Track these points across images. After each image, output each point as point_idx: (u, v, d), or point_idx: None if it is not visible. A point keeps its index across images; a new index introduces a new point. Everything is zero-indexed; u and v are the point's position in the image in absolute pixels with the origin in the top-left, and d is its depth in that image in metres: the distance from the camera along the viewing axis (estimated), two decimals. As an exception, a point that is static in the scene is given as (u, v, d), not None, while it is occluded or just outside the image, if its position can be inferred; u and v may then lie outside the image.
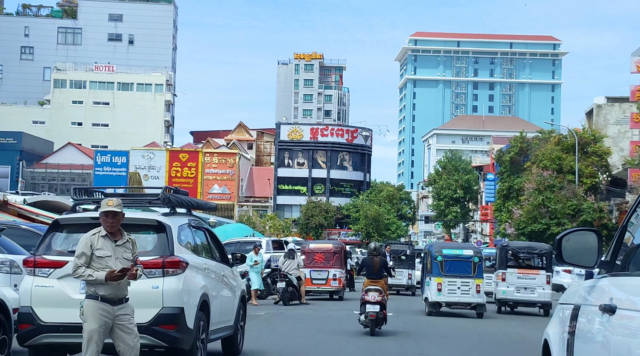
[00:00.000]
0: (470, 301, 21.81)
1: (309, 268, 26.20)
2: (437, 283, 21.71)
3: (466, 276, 21.76)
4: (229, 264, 11.74)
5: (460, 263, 22.00)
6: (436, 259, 22.10)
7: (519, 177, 60.32)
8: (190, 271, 9.39)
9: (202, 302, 9.60)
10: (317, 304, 24.76)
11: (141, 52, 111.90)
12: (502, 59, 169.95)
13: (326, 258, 26.35)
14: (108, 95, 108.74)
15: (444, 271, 21.78)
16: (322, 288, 26.37)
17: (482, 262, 23.23)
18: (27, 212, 24.98)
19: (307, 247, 26.71)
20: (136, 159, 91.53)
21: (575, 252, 5.22)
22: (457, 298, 21.78)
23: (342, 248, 26.81)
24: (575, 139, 52.91)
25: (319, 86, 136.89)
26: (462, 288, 21.74)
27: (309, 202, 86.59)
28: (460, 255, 22.15)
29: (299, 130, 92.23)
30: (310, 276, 26.20)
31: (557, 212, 49.99)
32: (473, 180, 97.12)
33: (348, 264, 34.02)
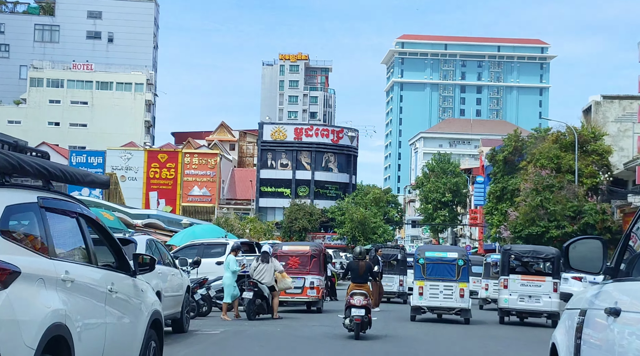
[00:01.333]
0: (453, 306, 20.90)
1: (283, 274, 21.98)
2: (418, 286, 20.98)
3: (449, 280, 20.89)
4: (130, 273, 7.35)
5: (444, 266, 21.13)
6: (418, 262, 21.31)
7: (514, 178, 56.23)
8: (26, 286, 5.15)
9: (50, 340, 5.31)
10: (290, 318, 20.48)
11: (121, 51, 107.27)
12: (489, 62, 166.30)
13: (302, 263, 22.10)
14: (86, 94, 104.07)
15: (425, 274, 21.00)
16: (298, 298, 22.09)
17: (468, 265, 22.15)
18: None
19: (279, 249, 22.34)
20: (113, 159, 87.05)
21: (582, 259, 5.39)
22: (439, 302, 20.89)
23: (320, 251, 22.49)
24: (574, 136, 48.86)
25: (305, 87, 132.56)
26: (445, 292, 20.90)
27: (293, 204, 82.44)
28: (444, 257, 21.30)
29: (282, 130, 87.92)
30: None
31: (557, 214, 45.87)
32: (462, 183, 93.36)
33: (329, 270, 29.92)
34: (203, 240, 26.37)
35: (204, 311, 20.20)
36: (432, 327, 19.83)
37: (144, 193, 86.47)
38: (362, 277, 16.28)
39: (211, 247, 25.36)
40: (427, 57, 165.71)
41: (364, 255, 16.98)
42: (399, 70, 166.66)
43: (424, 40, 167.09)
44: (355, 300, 15.60)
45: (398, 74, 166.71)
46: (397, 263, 30.18)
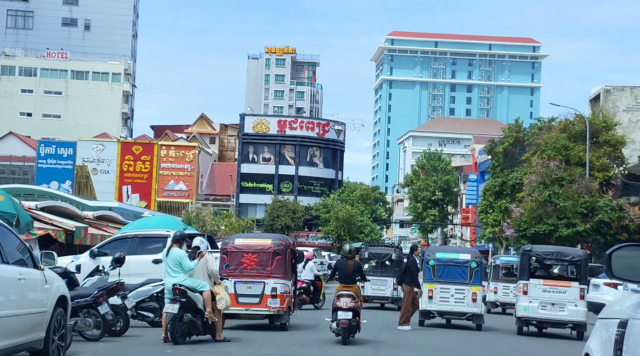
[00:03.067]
0: (465, 311, 19.67)
1: (232, 278, 15.81)
2: (428, 289, 19.71)
3: (461, 283, 19.69)
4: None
5: (455, 269, 19.83)
6: (428, 263, 20.02)
7: (515, 171, 50.30)
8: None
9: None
10: (242, 340, 14.32)
11: (98, 39, 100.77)
12: (480, 60, 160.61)
13: (261, 262, 15.96)
14: (61, 84, 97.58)
15: (436, 276, 19.75)
16: (254, 310, 15.91)
17: (482, 267, 20.60)
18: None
19: (230, 243, 16.17)
20: (84, 151, 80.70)
21: (627, 267, 5.15)
22: (449, 306, 19.70)
23: (287, 246, 16.29)
24: (585, 125, 42.97)
25: (291, 82, 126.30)
26: (456, 296, 19.67)
27: (275, 200, 76.39)
28: (456, 259, 19.96)
29: (265, 123, 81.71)
30: (235, 291, 15.79)
31: (567, 211, 39.99)
32: (453, 181, 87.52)
33: (313, 271, 23.95)
34: (138, 231, 20.25)
35: (118, 329, 14.07)
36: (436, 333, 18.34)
37: (116, 187, 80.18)
38: (350, 278, 15.04)
39: (148, 241, 19.29)
40: (417, 54, 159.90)
41: (354, 253, 15.52)
42: (388, 67, 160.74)
43: (414, 37, 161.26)
44: (342, 302, 14.45)
45: (387, 72, 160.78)
46: (391, 264, 26.15)
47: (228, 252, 15.92)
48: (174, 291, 13.07)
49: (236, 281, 15.78)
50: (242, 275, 15.79)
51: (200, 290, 13.20)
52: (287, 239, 16.71)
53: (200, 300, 13.16)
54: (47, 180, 75.92)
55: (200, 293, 13.21)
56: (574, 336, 19.42)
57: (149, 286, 15.57)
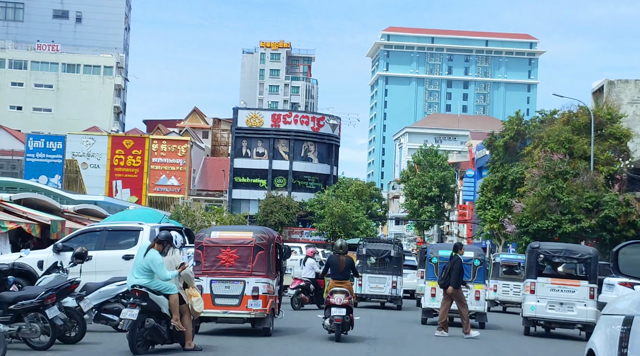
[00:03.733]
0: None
1: (208, 276, 13.79)
2: (431, 287, 19.53)
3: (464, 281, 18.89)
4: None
5: None
6: (431, 261, 20.04)
7: (515, 166, 48.34)
8: None
9: None
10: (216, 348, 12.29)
11: (90, 31, 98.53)
12: (477, 56, 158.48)
13: (241, 259, 13.93)
14: (51, 77, 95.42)
15: (439, 274, 18.85)
16: (233, 313, 13.86)
17: (485, 265, 20.29)
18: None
19: (205, 237, 14.10)
20: (74, 145, 78.62)
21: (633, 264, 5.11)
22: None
23: (271, 240, 14.24)
24: (590, 117, 41.01)
25: (286, 77, 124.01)
26: None
27: (269, 196, 74.32)
28: None
29: (259, 116, 79.58)
30: (211, 291, 13.77)
31: (571, 206, 38.01)
32: (449, 177, 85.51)
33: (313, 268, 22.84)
34: (108, 224, 18.23)
35: (73, 335, 12.05)
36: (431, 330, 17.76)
37: (107, 181, 78.12)
38: (342, 274, 14.80)
39: (119, 234, 17.25)
40: (413, 50, 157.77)
41: (346, 249, 15.25)
42: (384, 63, 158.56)
43: (410, 33, 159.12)
44: (335, 299, 14.26)
45: (383, 67, 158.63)
46: (390, 261, 24.91)
47: (203, 246, 13.90)
48: (133, 293, 11.05)
49: (212, 280, 13.77)
50: (219, 272, 13.78)
51: (166, 293, 11.17)
52: (271, 232, 14.66)
53: (165, 303, 11.13)
54: (36, 174, 73.84)
55: (167, 297, 11.18)
56: (582, 337, 18.70)
57: (113, 285, 13.54)
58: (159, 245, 11.38)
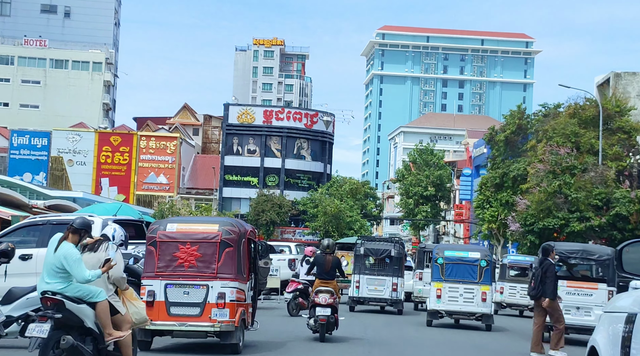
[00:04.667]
0: (474, 311, 18.81)
1: (163, 279, 10.93)
2: (436, 289, 18.91)
3: (470, 282, 18.85)
4: None
5: (464, 267, 18.94)
6: (437, 262, 19.16)
7: (517, 162, 45.63)
8: None
9: None
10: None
11: (78, 26, 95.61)
12: (472, 56, 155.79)
13: (204, 257, 11.07)
14: (39, 73, 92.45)
15: (444, 275, 18.92)
16: (192, 325, 10.95)
17: (492, 266, 19.75)
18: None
19: (160, 230, 11.17)
20: (60, 141, 75.67)
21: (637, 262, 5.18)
22: (458, 306, 18.85)
23: (241, 234, 11.30)
24: (599, 109, 38.31)
25: (280, 75, 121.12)
26: (465, 296, 18.77)
27: (260, 195, 71.54)
28: (465, 257, 19.08)
29: (250, 113, 76.71)
30: (166, 298, 10.91)
31: (579, 202, 35.25)
32: (446, 176, 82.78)
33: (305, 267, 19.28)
34: (52, 217, 15.39)
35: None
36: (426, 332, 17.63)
37: (93, 179, 75.14)
38: (328, 273, 14.47)
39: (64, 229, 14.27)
40: (408, 49, 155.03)
41: (333, 248, 14.95)
42: (379, 62, 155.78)
43: (406, 32, 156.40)
44: (321, 298, 13.95)
45: (378, 66, 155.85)
46: (390, 262, 22.84)
47: (157, 242, 11.06)
48: (44, 303, 8.21)
49: (167, 284, 10.94)
50: (176, 275, 10.95)
51: (91, 301, 8.31)
52: (242, 225, 11.78)
53: (90, 314, 8.26)
54: (20, 171, 70.91)
55: (91, 306, 8.31)
56: None
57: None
58: (74, 236, 8.54)
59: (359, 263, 23.33)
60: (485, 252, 19.81)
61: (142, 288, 10.89)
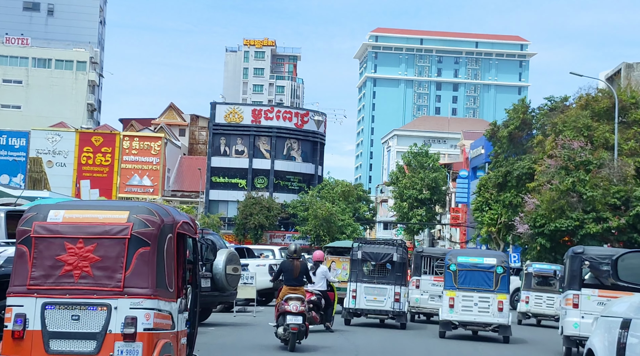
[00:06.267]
0: (490, 322, 17.58)
1: (40, 296, 6.94)
2: (449, 297, 17.75)
3: (486, 291, 17.66)
4: None
5: (479, 274, 17.69)
6: (449, 268, 17.88)
7: (521, 160, 41.79)
8: None
9: None
10: None
11: (62, 25, 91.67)
12: (467, 58, 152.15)
13: (104, 263, 7.05)
14: (21, 72, 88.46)
15: (457, 283, 17.72)
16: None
17: (509, 273, 18.32)
18: None
19: (37, 220, 7.00)
20: (39, 142, 71.62)
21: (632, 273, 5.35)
22: (473, 316, 17.63)
23: (165, 226, 7.28)
24: (613, 100, 34.52)
25: (271, 76, 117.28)
26: (480, 305, 17.64)
27: (248, 197, 67.69)
28: (480, 264, 17.78)
29: (238, 112, 72.80)
30: (44, 325, 6.89)
31: (596, 202, 31.39)
32: (441, 179, 79.02)
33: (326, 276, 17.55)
34: None
35: None
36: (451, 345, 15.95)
37: (73, 181, 71.02)
38: (297, 279, 13.93)
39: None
40: (401, 52, 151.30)
41: (300, 253, 14.27)
42: (372, 65, 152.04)
43: (399, 34, 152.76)
44: (291, 306, 13.31)
45: (371, 69, 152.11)
46: (392, 268, 19.69)
47: (31, 239, 7.06)
48: None
49: (47, 303, 6.90)
50: (61, 290, 6.93)
51: None
52: (170, 213, 7.61)
53: None
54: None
55: None
56: None
57: None
58: None
59: (355, 269, 19.95)
60: (502, 258, 18.26)
61: (7, 311, 6.93)
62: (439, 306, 21.96)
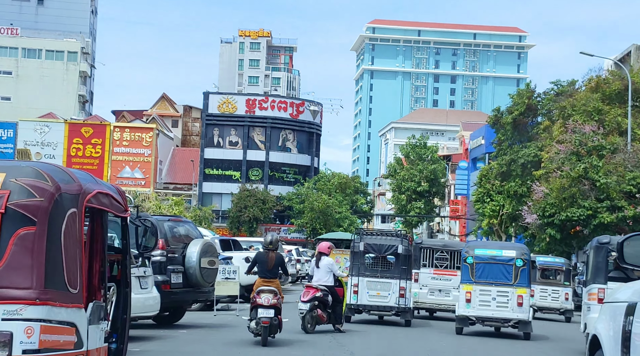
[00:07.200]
0: (509, 317, 16.58)
1: None
2: (465, 292, 16.75)
3: (504, 284, 16.61)
4: None
5: (497, 267, 16.69)
6: (466, 261, 16.85)
7: (526, 147, 39.42)
8: None
9: None
10: None
11: (53, 14, 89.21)
12: (465, 50, 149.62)
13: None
14: (10, 62, 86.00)
15: (474, 277, 16.69)
16: None
17: (529, 266, 17.09)
18: None
19: None
20: (27, 133, 69.23)
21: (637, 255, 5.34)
22: (491, 311, 16.61)
23: (59, 198, 4.82)
24: (626, 82, 32.16)
25: (267, 67, 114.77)
26: (499, 300, 16.61)
27: (243, 189, 65.39)
28: (498, 256, 16.76)
29: (232, 102, 70.38)
30: None
31: (610, 189, 29.02)
32: (440, 171, 76.67)
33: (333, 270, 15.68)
34: None
35: None
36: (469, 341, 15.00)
37: (63, 173, 68.47)
38: (271, 272, 13.26)
39: None
40: (399, 43, 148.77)
41: (276, 244, 13.58)
42: (369, 57, 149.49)
43: (396, 25, 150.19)
44: (263, 299, 12.82)
45: (368, 61, 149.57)
46: (397, 260, 17.98)
47: None
48: None
49: None
50: None
51: None
52: (70, 177, 5.20)
53: None
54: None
55: None
56: None
57: None
58: None
59: (357, 262, 18.18)
60: (522, 250, 17.08)
61: None
62: (439, 301, 20.61)
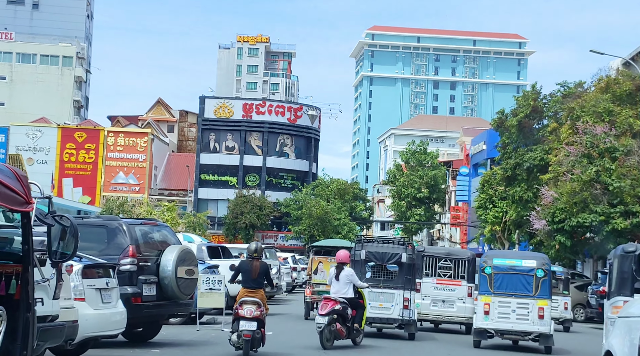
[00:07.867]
0: (529, 330, 15.89)
1: None
2: (483, 303, 16.14)
3: (524, 296, 16.06)
4: None
5: (517, 278, 16.13)
6: (484, 271, 16.24)
7: (532, 150, 37.69)
8: None
9: None
10: None
11: (48, 19, 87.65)
12: (464, 56, 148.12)
13: None
14: (4, 67, 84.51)
15: (493, 288, 16.12)
16: None
17: (550, 277, 16.56)
18: None
19: None
20: (18, 138, 67.58)
21: None
22: (510, 324, 15.98)
23: None
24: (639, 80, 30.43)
25: (265, 73, 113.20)
26: (519, 312, 15.99)
27: (239, 195, 63.67)
28: (518, 266, 16.20)
29: (228, 106, 68.71)
30: None
31: (624, 193, 27.27)
32: (440, 177, 75.02)
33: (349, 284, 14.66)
34: None
35: None
36: None
37: (56, 179, 66.84)
38: (255, 281, 12.43)
39: None
40: (398, 50, 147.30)
41: (260, 253, 12.77)
42: (368, 63, 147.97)
43: (396, 32, 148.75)
44: (246, 311, 12.11)
45: (367, 68, 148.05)
46: (400, 269, 16.88)
47: None
48: None
49: None
50: None
51: None
52: None
53: None
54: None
55: None
56: None
57: None
58: None
59: (358, 271, 16.67)
60: (543, 260, 16.44)
61: None
62: (443, 312, 19.68)
